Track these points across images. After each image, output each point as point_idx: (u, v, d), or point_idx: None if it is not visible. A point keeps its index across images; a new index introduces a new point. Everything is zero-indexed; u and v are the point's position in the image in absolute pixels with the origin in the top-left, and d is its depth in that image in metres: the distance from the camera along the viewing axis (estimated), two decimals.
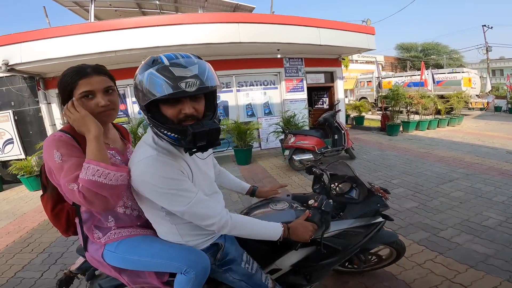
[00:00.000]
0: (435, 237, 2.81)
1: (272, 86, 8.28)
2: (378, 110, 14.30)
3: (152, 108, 0.99)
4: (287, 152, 5.61)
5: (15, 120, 6.59)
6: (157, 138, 1.06)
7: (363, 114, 11.92)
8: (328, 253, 1.46)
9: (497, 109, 15.00)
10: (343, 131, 5.87)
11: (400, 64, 34.06)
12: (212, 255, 1.22)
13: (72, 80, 1.04)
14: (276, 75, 8.27)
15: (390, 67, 32.62)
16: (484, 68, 25.58)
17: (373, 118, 13.29)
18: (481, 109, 15.10)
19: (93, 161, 0.97)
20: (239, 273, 1.24)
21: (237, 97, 7.89)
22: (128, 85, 6.99)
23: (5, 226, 3.76)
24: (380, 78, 11.81)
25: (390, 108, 9.40)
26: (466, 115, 12.69)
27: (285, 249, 1.41)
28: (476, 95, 15.00)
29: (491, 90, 16.84)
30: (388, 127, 8.96)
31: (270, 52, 7.54)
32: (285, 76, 8.23)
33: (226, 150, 6.92)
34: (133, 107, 7.31)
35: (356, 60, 26.73)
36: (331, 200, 1.38)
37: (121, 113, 7.34)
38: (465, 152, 6.37)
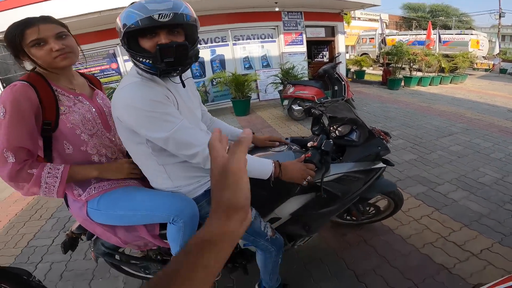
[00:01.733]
0: (432, 192, 2.64)
1: (270, 39, 7.60)
2: (379, 66, 13.50)
3: (132, 43, 0.95)
4: (286, 102, 5.29)
5: (3, 87, 6.21)
6: (141, 71, 1.00)
7: (364, 68, 11.22)
8: (328, 200, 1.36)
9: (502, 71, 13.96)
10: (343, 82, 5.47)
11: (405, 23, 31.63)
12: (208, 203, 1.14)
13: (18, 31, 0.95)
14: (274, 28, 7.55)
15: (394, 26, 30.34)
16: (494, 33, 23.75)
17: (374, 73, 12.58)
18: (486, 70, 14.24)
19: (64, 178, 0.99)
20: None
21: (234, 51, 7.28)
22: (117, 44, 6.36)
23: (11, 194, 3.46)
24: (384, 35, 10.88)
25: (392, 64, 8.79)
26: (470, 74, 12.00)
27: (284, 196, 1.33)
28: (483, 56, 14.15)
29: (498, 53, 15.77)
30: (389, 82, 8.49)
31: (267, 5, 6.78)
32: (284, 30, 7.54)
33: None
34: (125, 65, 6.74)
35: (359, 17, 24.89)
36: (331, 140, 1.26)
37: (113, 71, 6.84)
38: (466, 108, 6.03)
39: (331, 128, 1.49)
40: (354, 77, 10.97)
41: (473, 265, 1.77)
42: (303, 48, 7.89)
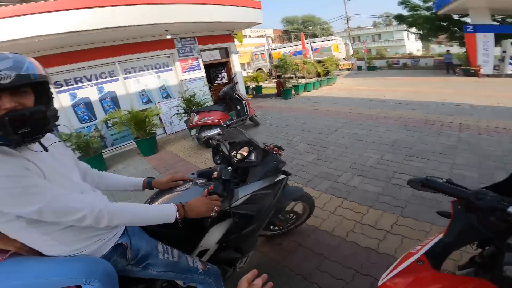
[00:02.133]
0: (336, 184, 3.03)
1: (166, 68, 7.41)
2: (273, 79, 15.05)
3: None
4: (193, 132, 5.18)
5: None
6: None
7: (261, 83, 12.26)
8: (246, 221, 1.43)
9: (359, 68, 18.38)
10: (243, 101, 5.81)
11: (286, 36, 36.54)
12: (121, 257, 1.08)
13: None
14: (168, 56, 7.41)
15: (279, 39, 34.64)
16: (347, 36, 30.07)
17: (269, 86, 13.87)
18: (348, 69, 18.08)
19: None
20: (161, 265, 1.15)
21: (126, 86, 6.73)
22: None
23: None
24: (270, 50, 12.30)
25: (282, 75, 9.93)
26: (338, 75, 14.76)
27: (202, 229, 1.33)
28: (343, 58, 17.82)
29: (353, 54, 20.17)
30: (282, 92, 9.52)
31: (158, 33, 6.63)
32: (179, 57, 7.49)
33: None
34: None
35: (250, 35, 27.26)
36: (229, 168, 1.32)
37: None
38: (342, 104, 7.35)
39: (233, 153, 1.55)
40: (254, 93, 11.84)
41: (392, 241, 2.04)
42: (201, 73, 8.00)
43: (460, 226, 0.85)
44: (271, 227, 2.11)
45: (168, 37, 7.00)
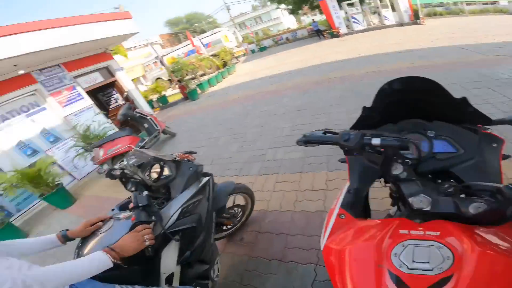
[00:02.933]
0: (265, 163, 3.10)
1: (38, 108, 5.99)
2: (175, 84, 14.32)
3: None
4: (105, 167, 4.44)
5: None
6: None
7: (164, 93, 11.47)
8: (191, 234, 1.37)
9: (253, 51, 19.52)
10: (148, 117, 5.31)
11: (175, 38, 35.02)
12: None
13: None
14: (33, 94, 5.96)
15: (168, 43, 32.78)
16: (232, 25, 30.87)
17: (174, 92, 13.15)
18: (243, 55, 18.72)
19: None
20: None
21: None
22: None
23: None
24: (161, 56, 11.59)
25: (182, 78, 9.54)
26: (236, 62, 15.23)
27: (151, 259, 1.22)
28: (235, 46, 18.23)
29: (243, 40, 20.99)
30: (188, 94, 9.19)
31: (6, 71, 5.24)
32: (48, 91, 6.10)
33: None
34: None
35: (134, 47, 25.00)
36: (145, 192, 1.27)
37: None
38: (246, 88, 7.63)
39: (146, 175, 1.44)
40: (160, 104, 11.01)
41: (333, 197, 2.08)
42: (86, 101, 6.76)
43: (356, 169, 0.88)
44: (223, 227, 2.03)
45: (21, 72, 5.58)
